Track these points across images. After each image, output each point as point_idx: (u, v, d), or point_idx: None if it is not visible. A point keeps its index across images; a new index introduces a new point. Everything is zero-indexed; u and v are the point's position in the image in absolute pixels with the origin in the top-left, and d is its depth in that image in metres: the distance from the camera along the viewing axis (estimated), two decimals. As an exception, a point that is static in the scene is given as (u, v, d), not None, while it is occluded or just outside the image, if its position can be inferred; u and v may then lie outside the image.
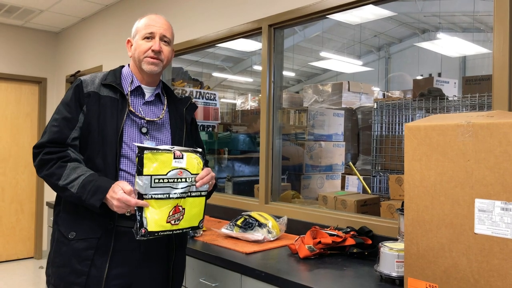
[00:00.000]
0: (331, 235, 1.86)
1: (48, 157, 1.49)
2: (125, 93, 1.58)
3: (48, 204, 3.67)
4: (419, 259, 1.35)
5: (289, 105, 4.57)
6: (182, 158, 1.43)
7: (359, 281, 1.56)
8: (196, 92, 3.82)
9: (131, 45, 1.66)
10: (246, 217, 2.19)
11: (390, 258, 1.49)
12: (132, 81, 1.62)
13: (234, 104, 6.95)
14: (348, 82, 4.90)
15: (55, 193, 1.57)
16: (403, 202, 1.69)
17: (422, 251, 1.34)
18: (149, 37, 1.60)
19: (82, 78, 1.60)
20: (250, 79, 10.17)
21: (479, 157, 1.22)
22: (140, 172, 1.36)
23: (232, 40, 2.93)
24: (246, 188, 3.46)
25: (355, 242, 1.83)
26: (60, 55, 5.26)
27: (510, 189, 1.16)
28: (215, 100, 4.00)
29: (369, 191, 3.13)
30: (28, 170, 5.20)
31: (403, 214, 1.49)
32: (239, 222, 2.17)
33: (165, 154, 1.40)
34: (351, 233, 1.90)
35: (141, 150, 1.37)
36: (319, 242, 1.81)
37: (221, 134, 4.13)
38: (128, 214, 1.41)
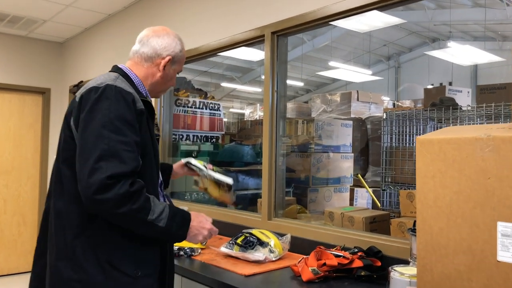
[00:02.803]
0: (336, 256, 1.72)
1: (135, 188, 1.25)
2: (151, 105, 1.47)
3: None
4: (434, 287, 1.21)
5: (297, 115, 4.45)
6: None
7: (367, 309, 1.42)
8: (200, 102, 3.72)
9: (166, 67, 1.51)
10: (247, 235, 2.06)
11: (401, 284, 1.35)
12: (146, 94, 1.50)
13: (243, 114, 6.87)
14: (357, 91, 4.79)
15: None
16: (415, 222, 1.55)
17: (437, 278, 1.20)
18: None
19: (125, 89, 1.33)
20: (259, 89, 10.10)
21: (501, 174, 1.08)
22: None
23: (235, 49, 2.83)
24: (251, 202, 3.34)
25: (363, 264, 1.69)
26: (64, 65, 5.22)
27: (537, 211, 1.02)
28: (220, 111, 3.90)
29: (379, 204, 2.98)
30: (30, 182, 5.12)
31: (415, 235, 1.35)
32: (239, 241, 2.04)
33: None
34: (359, 254, 1.76)
35: None
36: (324, 264, 1.68)
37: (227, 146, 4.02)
38: (203, 245, 1.37)
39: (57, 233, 1.32)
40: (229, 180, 1.81)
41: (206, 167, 1.88)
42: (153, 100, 1.63)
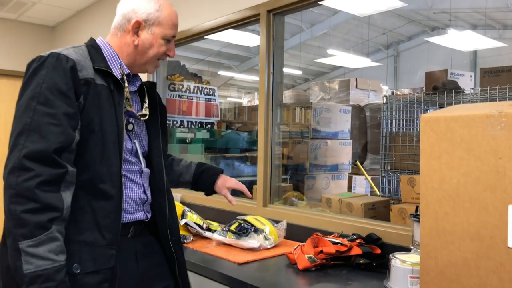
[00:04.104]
0: (334, 243, 1.64)
1: (43, 196, 1.06)
2: (120, 80, 1.28)
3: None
4: (438, 276, 1.13)
5: (296, 103, 4.37)
6: None
7: (366, 299, 1.35)
8: (194, 87, 3.61)
9: (140, 31, 1.32)
10: (241, 221, 1.99)
11: (403, 272, 1.28)
12: (121, 66, 1.32)
13: (241, 104, 6.77)
14: (356, 79, 4.71)
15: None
16: (417, 207, 1.48)
17: (441, 266, 1.12)
18: (169, 39, 1.36)
19: (68, 55, 1.19)
20: (256, 78, 9.95)
21: (514, 154, 0.99)
22: None
23: (229, 29, 2.72)
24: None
25: (361, 251, 1.62)
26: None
27: (553, 194, 0.94)
28: (215, 96, 3.79)
29: (378, 192, 2.91)
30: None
31: (418, 222, 1.27)
32: (233, 228, 1.96)
33: None
34: (358, 241, 1.68)
35: None
36: (321, 252, 1.60)
37: (224, 132, 3.93)
38: None
39: None
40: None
41: (202, 226, 2.10)
42: (144, 76, 1.48)
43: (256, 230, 1.92)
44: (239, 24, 2.60)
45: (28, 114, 1.12)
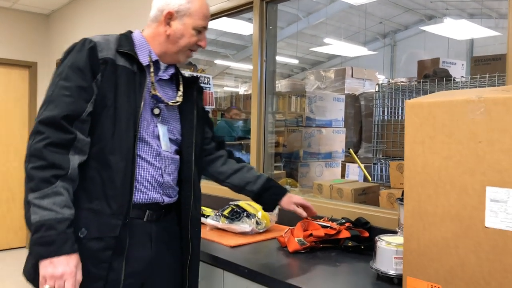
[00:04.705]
0: (324, 226, 1.69)
1: (50, 156, 1.17)
2: (145, 65, 1.36)
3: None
4: (420, 256, 1.17)
5: (292, 91, 4.40)
6: None
7: (353, 279, 1.39)
8: (189, 75, 3.62)
9: (172, 21, 1.39)
10: (234, 206, 2.03)
11: (388, 254, 1.32)
12: (149, 53, 1.40)
13: (237, 93, 6.76)
14: (352, 68, 4.73)
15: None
16: (403, 191, 1.51)
17: (423, 247, 1.17)
18: (201, 30, 1.42)
19: (92, 38, 1.33)
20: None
21: (492, 138, 1.03)
22: None
23: (222, 17, 2.73)
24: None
25: (350, 234, 1.66)
26: (50, 38, 5.08)
27: (528, 176, 0.98)
28: (209, 84, 3.80)
29: (370, 179, 2.95)
30: (18, 157, 5.04)
31: (403, 204, 1.31)
32: (226, 212, 2.00)
33: None
34: (346, 224, 1.72)
35: None
36: (311, 235, 1.64)
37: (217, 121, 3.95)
38: None
39: None
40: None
41: None
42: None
43: (249, 215, 1.96)
44: (232, 12, 2.62)
45: (51, 88, 1.26)
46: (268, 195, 1.65)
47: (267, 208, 1.70)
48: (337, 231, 1.66)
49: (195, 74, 3.67)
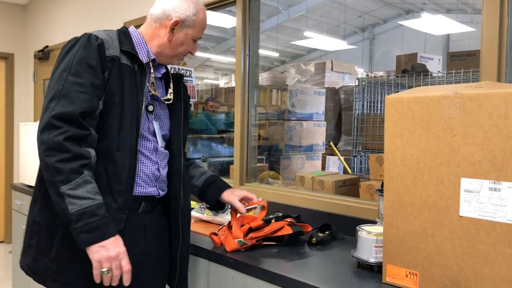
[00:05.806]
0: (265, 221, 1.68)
1: (73, 148, 1.19)
2: (145, 64, 1.40)
3: (13, 186, 3.44)
4: (399, 244, 1.24)
5: (273, 85, 4.42)
6: None
7: (335, 268, 1.45)
8: (171, 68, 3.62)
9: (175, 30, 1.43)
10: (218, 199, 2.05)
11: (368, 243, 1.38)
12: (147, 52, 1.44)
13: (218, 85, 6.75)
14: (331, 61, 4.77)
15: (25, 175, 1.36)
16: (383, 183, 1.57)
17: (402, 235, 1.23)
18: (196, 40, 1.49)
19: (98, 35, 1.33)
20: (233, 59, 9.91)
21: (466, 132, 1.09)
22: None
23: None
24: (222, 169, 3.34)
25: (292, 231, 1.65)
26: (28, 30, 4.97)
27: (499, 167, 1.04)
28: (192, 77, 3.81)
29: (350, 171, 3.02)
30: (-5, 149, 4.95)
31: (383, 196, 1.37)
32: (210, 205, 2.02)
33: None
34: (288, 220, 1.71)
35: None
36: (250, 229, 1.60)
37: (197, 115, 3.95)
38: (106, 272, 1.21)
39: None
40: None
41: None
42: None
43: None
44: (216, 6, 2.63)
45: (60, 83, 1.25)
46: (211, 190, 1.67)
47: (212, 204, 1.69)
48: (279, 227, 1.64)
49: (177, 66, 3.66)
